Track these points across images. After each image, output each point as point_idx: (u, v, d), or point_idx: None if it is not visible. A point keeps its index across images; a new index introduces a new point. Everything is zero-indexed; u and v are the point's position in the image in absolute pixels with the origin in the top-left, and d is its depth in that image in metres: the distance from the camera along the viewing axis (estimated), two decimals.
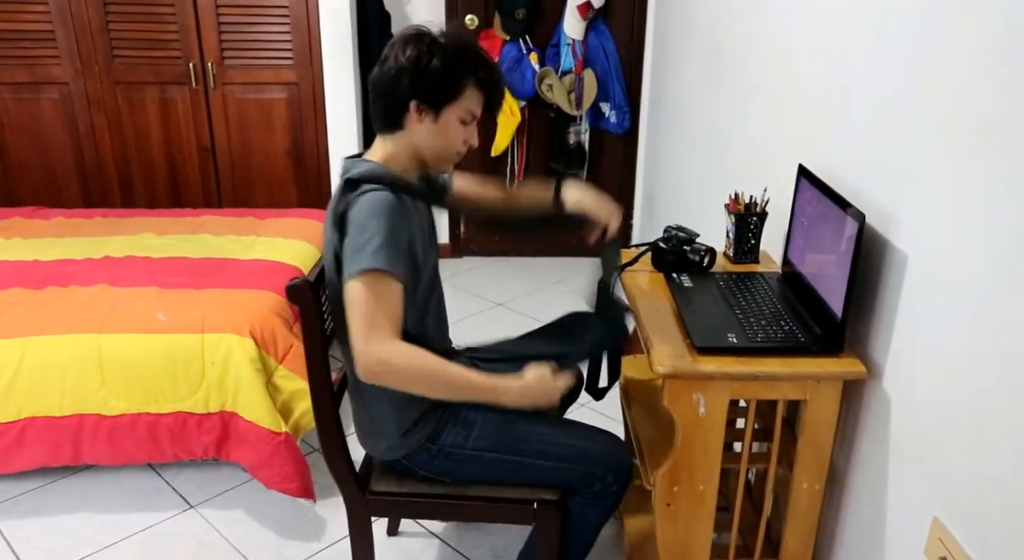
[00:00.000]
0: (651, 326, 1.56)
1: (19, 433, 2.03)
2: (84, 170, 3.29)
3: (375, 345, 1.36)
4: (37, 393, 2.02)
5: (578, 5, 3.46)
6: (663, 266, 1.80)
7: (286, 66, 3.13)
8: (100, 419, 2.05)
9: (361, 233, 1.38)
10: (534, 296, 3.63)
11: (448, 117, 1.49)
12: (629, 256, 1.88)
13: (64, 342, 2.04)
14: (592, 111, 3.73)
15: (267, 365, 2.09)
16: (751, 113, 2.23)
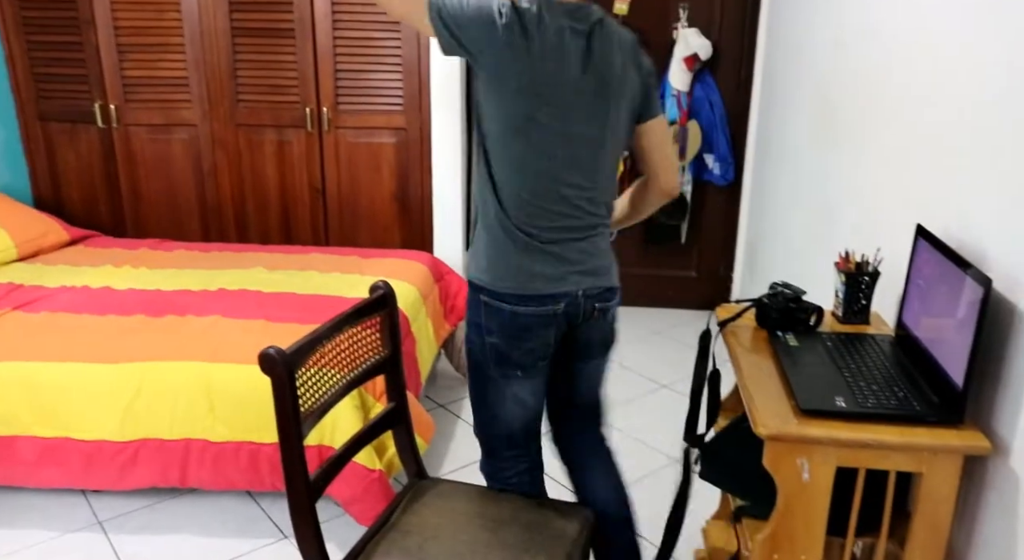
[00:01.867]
0: (753, 384, 1.51)
1: (134, 453, 2.13)
2: (205, 206, 3.48)
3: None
4: (152, 416, 2.12)
5: (684, 57, 3.47)
6: (767, 323, 1.75)
7: (396, 112, 3.25)
8: (206, 444, 2.13)
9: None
10: (630, 346, 3.59)
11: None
12: (731, 311, 1.84)
13: (178, 369, 2.15)
14: (695, 162, 3.70)
15: (365, 402, 2.13)
16: (864, 168, 2.16)
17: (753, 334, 1.76)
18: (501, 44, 1.45)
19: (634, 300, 4.06)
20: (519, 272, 1.57)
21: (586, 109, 1.54)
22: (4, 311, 2.37)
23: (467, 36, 1.47)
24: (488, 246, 1.58)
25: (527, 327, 1.59)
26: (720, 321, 1.82)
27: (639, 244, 3.95)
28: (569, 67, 1.50)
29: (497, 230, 1.57)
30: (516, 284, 1.57)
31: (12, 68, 3.37)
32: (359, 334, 1.64)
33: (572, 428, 1.89)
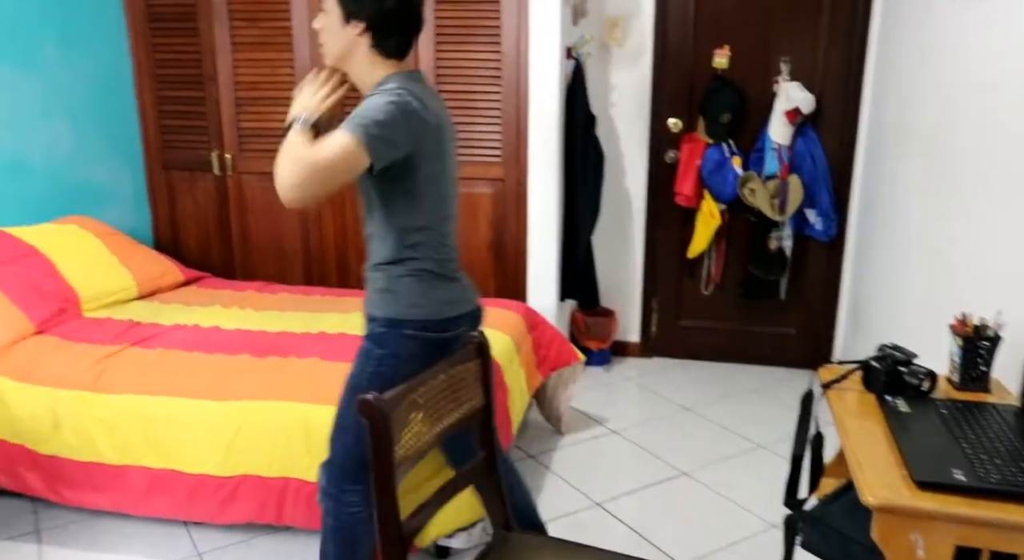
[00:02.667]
0: (861, 450, 1.44)
1: (235, 487, 2.20)
2: (308, 251, 3.62)
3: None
4: (253, 453, 2.19)
5: (786, 111, 3.42)
6: (875, 387, 1.67)
7: (494, 163, 3.32)
8: (302, 484, 2.18)
9: None
10: (724, 403, 3.49)
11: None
12: (836, 373, 1.77)
13: (279, 408, 2.22)
14: (796, 217, 3.61)
15: None
16: (981, 224, 2.06)
17: (859, 397, 1.69)
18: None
19: (730, 356, 3.96)
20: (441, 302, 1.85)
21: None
22: (124, 346, 2.51)
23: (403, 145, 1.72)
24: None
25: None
26: (824, 382, 1.75)
27: (735, 299, 3.86)
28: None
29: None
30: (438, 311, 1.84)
31: (144, 121, 3.63)
32: (454, 382, 1.65)
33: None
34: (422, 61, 3.26)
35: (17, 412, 2.34)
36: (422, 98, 1.74)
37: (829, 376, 1.76)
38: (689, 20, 3.63)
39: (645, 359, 4.02)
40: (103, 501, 2.35)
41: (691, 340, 3.99)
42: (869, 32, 3.43)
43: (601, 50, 3.69)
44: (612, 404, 3.50)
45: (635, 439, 3.15)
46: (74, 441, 2.31)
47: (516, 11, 3.13)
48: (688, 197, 3.69)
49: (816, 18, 3.49)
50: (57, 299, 2.70)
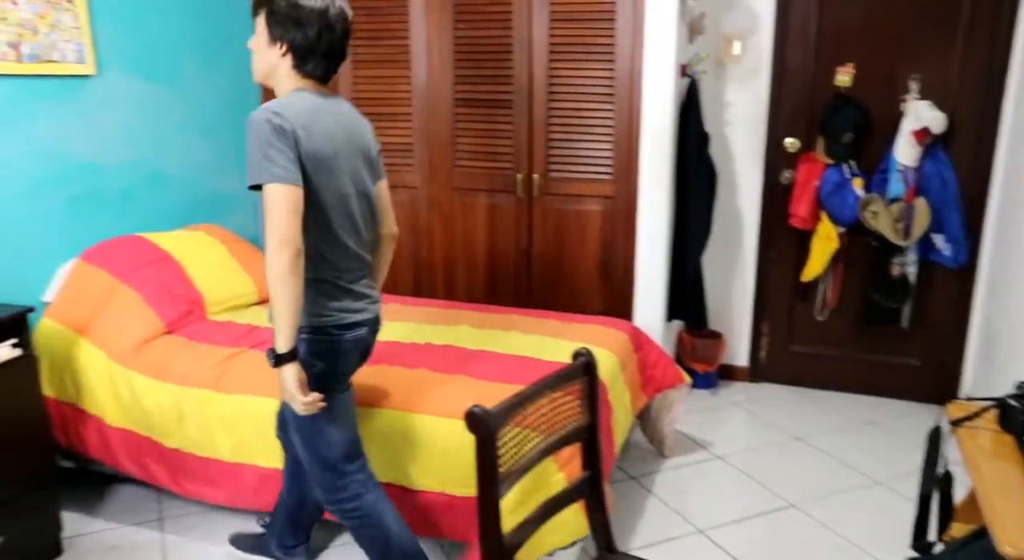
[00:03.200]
0: (997, 495, 1.34)
1: None
2: (418, 263, 3.70)
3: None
4: None
5: (914, 130, 3.25)
6: (1014, 427, 1.55)
7: (605, 180, 3.30)
8: (403, 491, 2.23)
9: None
10: (838, 435, 3.33)
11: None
12: (967, 409, 1.66)
13: (385, 416, 2.27)
14: (922, 242, 3.42)
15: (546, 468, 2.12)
16: None
17: (994, 438, 1.58)
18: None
19: (844, 385, 3.78)
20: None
21: None
22: (243, 349, 2.63)
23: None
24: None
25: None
26: (953, 419, 1.64)
27: (852, 325, 3.69)
28: None
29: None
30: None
31: None
32: (560, 400, 1.65)
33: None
34: (536, 80, 3.29)
35: (147, 406, 2.49)
36: (306, 115, 1.82)
37: (959, 413, 1.65)
38: (811, 37, 3.52)
39: (753, 384, 3.89)
40: (219, 495, 2.47)
41: (802, 366, 3.84)
42: (1013, 45, 3.21)
43: (717, 67, 3.63)
44: (717, 428, 3.40)
45: (741, 466, 3.04)
46: (196, 436, 2.44)
47: (631, 30, 3.12)
48: (803, 219, 3.56)
49: (951, 33, 3.31)
50: (185, 301, 2.86)
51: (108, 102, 2.99)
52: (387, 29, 3.47)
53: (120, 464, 2.59)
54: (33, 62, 2.68)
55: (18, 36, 2.62)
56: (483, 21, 3.33)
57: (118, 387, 2.55)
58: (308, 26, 1.84)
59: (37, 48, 2.69)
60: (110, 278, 2.77)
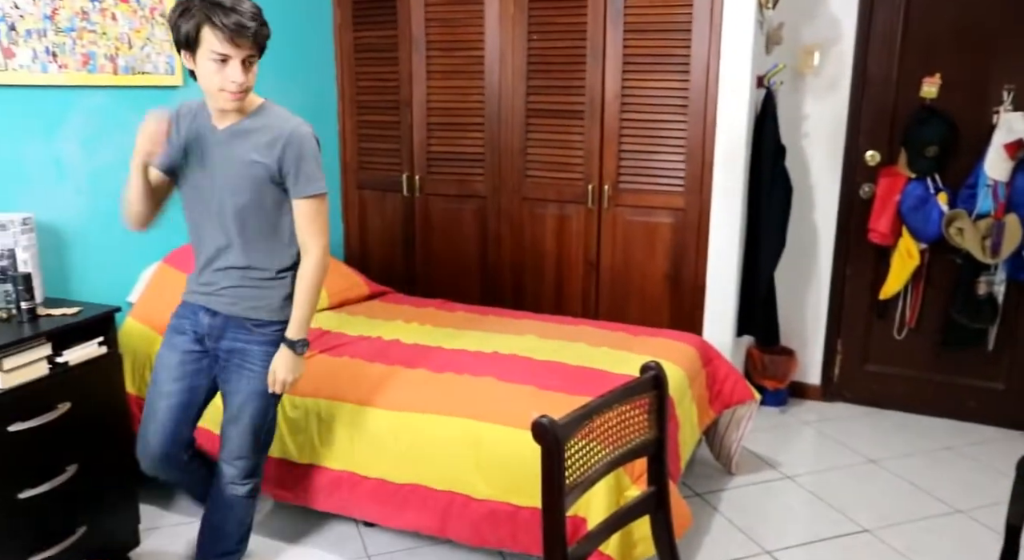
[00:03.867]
0: None
1: (406, 495, 2.29)
2: (486, 272, 3.72)
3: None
4: (423, 464, 2.27)
5: (1006, 144, 3.12)
6: None
7: (676, 192, 3.26)
8: (468, 500, 2.23)
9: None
10: (915, 459, 3.20)
11: (201, 59, 1.88)
12: None
13: (451, 423, 2.28)
14: (1012, 260, 3.27)
15: (620, 482, 2.10)
16: None
17: None
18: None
19: (922, 408, 3.64)
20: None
21: None
22: (314, 353, 2.68)
23: None
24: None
25: None
26: None
27: (932, 345, 3.55)
28: None
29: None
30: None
31: (343, 144, 3.91)
32: (628, 413, 1.63)
33: None
34: (608, 91, 3.28)
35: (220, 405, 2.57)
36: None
37: None
38: (895, 46, 3.41)
39: (825, 403, 3.78)
40: (288, 496, 2.52)
41: (878, 387, 3.70)
42: None
43: (795, 78, 3.55)
44: (787, 448, 3.31)
45: (811, 487, 2.95)
46: None
47: (707, 40, 3.08)
48: (883, 234, 3.45)
49: None
50: None
51: None
52: (462, 39, 3.52)
53: None
54: (128, 74, 2.81)
55: (115, 49, 2.76)
56: (557, 31, 3.34)
57: None
58: None
59: (132, 61, 2.82)
60: None
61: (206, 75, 1.90)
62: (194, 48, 1.88)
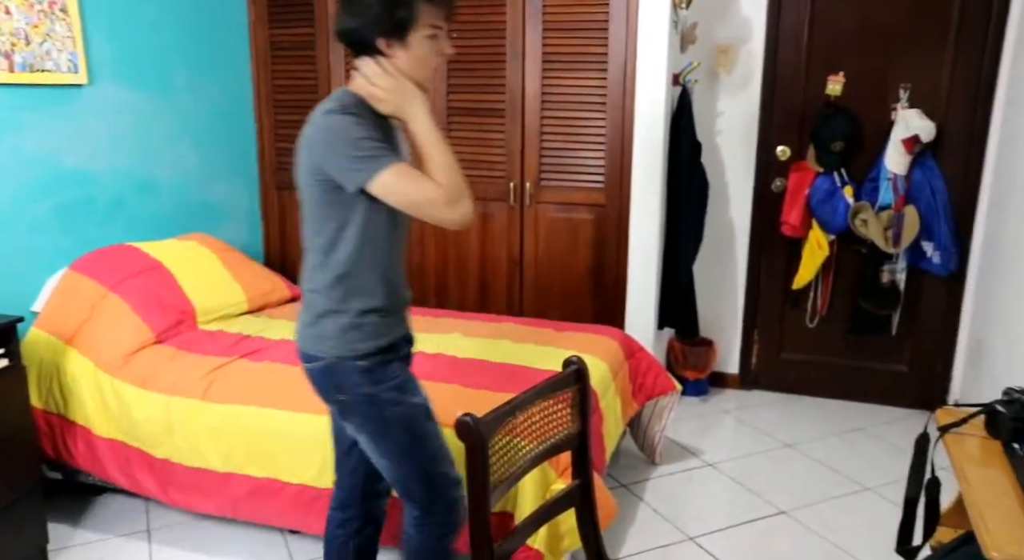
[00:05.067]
0: (984, 501, 1.35)
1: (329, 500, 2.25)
2: (410, 271, 3.69)
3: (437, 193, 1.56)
4: None
5: (903, 139, 3.28)
6: (1002, 433, 1.56)
7: (597, 189, 3.31)
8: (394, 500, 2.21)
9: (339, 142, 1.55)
10: (828, 441, 3.34)
11: (416, 40, 1.59)
12: (955, 416, 1.66)
13: None
14: (911, 250, 3.44)
15: (546, 476, 2.12)
16: None
17: (982, 444, 1.58)
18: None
19: (834, 392, 3.79)
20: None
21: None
22: (233, 358, 2.62)
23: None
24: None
25: None
26: (941, 425, 1.64)
27: (841, 332, 3.70)
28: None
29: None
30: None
31: (261, 144, 3.83)
32: (551, 408, 1.65)
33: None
34: (528, 89, 3.30)
35: (136, 416, 2.48)
36: None
37: (948, 419, 1.66)
38: (802, 46, 3.54)
39: (744, 391, 3.90)
40: (208, 505, 2.46)
41: (793, 374, 3.85)
42: (1002, 55, 3.24)
43: (709, 77, 3.65)
44: (708, 436, 3.40)
45: (731, 473, 3.05)
46: (185, 446, 2.42)
47: (624, 39, 3.13)
48: (794, 227, 3.58)
49: (942, 42, 3.34)
50: (176, 311, 2.86)
51: (100, 111, 2.99)
52: None
53: (108, 475, 2.58)
54: (26, 71, 2.68)
55: (11, 46, 2.62)
56: (477, 30, 3.34)
57: (106, 397, 2.54)
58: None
59: (30, 57, 2.69)
60: (99, 287, 2.76)
61: (422, 56, 1.62)
62: (407, 31, 1.59)
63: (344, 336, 1.68)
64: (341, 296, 1.67)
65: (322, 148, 1.58)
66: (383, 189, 1.56)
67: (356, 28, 1.60)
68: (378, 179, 1.54)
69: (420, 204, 1.58)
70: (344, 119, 1.56)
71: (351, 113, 1.58)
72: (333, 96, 1.66)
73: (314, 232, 1.67)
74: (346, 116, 1.57)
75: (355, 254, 1.65)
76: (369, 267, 1.67)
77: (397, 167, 1.55)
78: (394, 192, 1.56)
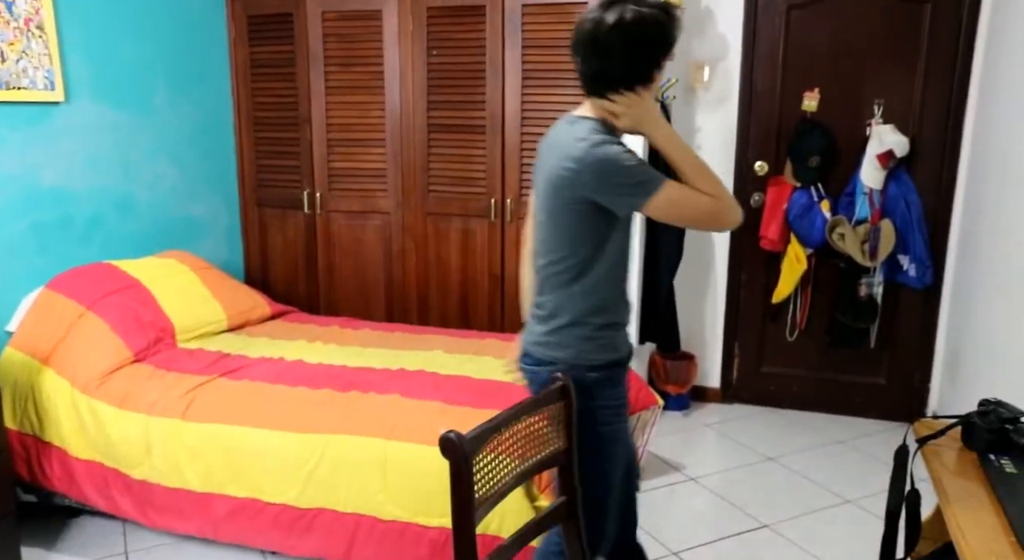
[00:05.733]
0: (962, 513, 1.36)
1: (311, 520, 2.24)
2: (391, 288, 3.69)
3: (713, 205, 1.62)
4: (330, 486, 2.23)
5: (878, 154, 3.33)
6: (978, 445, 1.58)
7: None
8: (375, 522, 2.20)
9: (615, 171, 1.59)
10: (809, 454, 3.36)
11: (652, 86, 1.66)
12: (933, 428, 1.68)
13: (357, 443, 2.25)
14: (888, 263, 3.49)
15: (531, 491, 2.12)
16: None
17: (959, 455, 1.60)
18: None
19: (814, 405, 3.82)
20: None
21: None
22: (212, 377, 2.60)
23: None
24: None
25: None
26: (919, 437, 1.66)
27: (821, 346, 3.73)
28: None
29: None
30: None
31: (241, 161, 3.81)
32: (536, 424, 1.64)
33: None
34: (508, 106, 3.32)
35: (113, 436, 2.45)
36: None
37: (925, 431, 1.68)
38: (777, 63, 3.59)
39: (725, 405, 3.92)
40: (188, 526, 2.43)
41: (774, 387, 3.87)
42: (971, 70, 3.31)
43: (687, 92, 3.69)
44: (690, 450, 3.41)
45: (714, 488, 3.05)
46: (163, 467, 2.40)
47: None
48: (773, 241, 3.61)
49: (913, 58, 3.40)
50: (155, 329, 2.83)
51: (77, 129, 2.97)
52: (361, 55, 3.49)
53: (85, 496, 2.54)
54: (2, 89, 2.66)
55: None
56: (457, 47, 3.36)
57: (83, 417, 2.51)
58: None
59: (6, 75, 2.67)
60: (76, 306, 2.73)
61: (652, 88, 1.69)
62: (654, 78, 1.67)
63: (582, 346, 1.73)
64: (587, 310, 1.72)
65: (593, 181, 1.61)
66: (658, 211, 1.62)
67: (610, 72, 1.63)
68: (653, 202, 1.60)
69: (699, 218, 1.66)
70: (610, 149, 1.60)
71: (612, 142, 1.61)
72: (577, 126, 1.68)
73: (563, 253, 1.71)
74: (611, 146, 1.60)
75: (606, 273, 1.71)
76: (612, 284, 1.75)
77: (668, 188, 1.60)
78: (670, 211, 1.63)
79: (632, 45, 1.62)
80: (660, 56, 1.65)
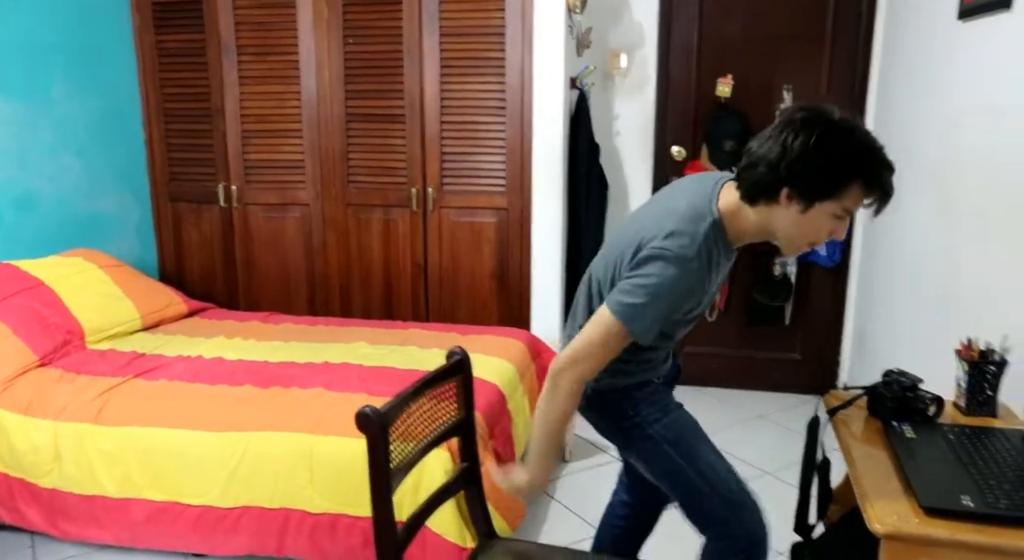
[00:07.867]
0: (867, 478, 1.42)
1: (236, 519, 2.19)
2: (313, 281, 3.63)
3: (570, 372, 1.53)
4: (254, 484, 2.18)
5: None
6: (881, 413, 1.65)
7: (498, 192, 3.33)
8: (304, 515, 2.17)
9: (642, 277, 1.48)
10: (731, 430, 3.46)
11: (819, 211, 1.42)
12: (841, 399, 1.75)
13: (281, 439, 2.21)
14: None
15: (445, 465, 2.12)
16: (987, 250, 2.06)
17: (865, 424, 1.67)
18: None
19: (735, 382, 3.93)
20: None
21: None
22: (127, 378, 2.51)
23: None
24: None
25: None
26: (829, 408, 1.73)
27: (739, 325, 3.85)
28: None
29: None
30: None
31: (151, 154, 3.67)
32: (439, 397, 1.70)
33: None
34: (427, 94, 3.29)
35: (18, 445, 2.34)
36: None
37: (835, 402, 1.75)
38: (692, 50, 3.67)
39: None
40: (104, 535, 2.34)
41: (696, 367, 3.97)
42: (871, 58, 3.45)
43: (605, 80, 3.73)
44: None
45: None
46: (75, 474, 2.30)
47: (520, 43, 3.17)
48: None
49: (819, 46, 3.52)
50: (61, 331, 2.71)
51: None
52: (275, 44, 3.41)
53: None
54: None
55: None
56: (374, 35, 3.31)
57: None
58: None
59: None
60: None
61: (815, 226, 1.46)
62: (820, 200, 1.42)
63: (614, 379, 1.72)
64: (627, 369, 1.73)
65: (633, 266, 1.51)
66: (592, 322, 1.53)
67: (772, 168, 1.43)
68: (607, 315, 1.50)
69: (574, 355, 1.54)
70: (678, 267, 1.47)
71: (688, 259, 1.47)
72: (696, 211, 1.53)
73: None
74: (681, 264, 1.47)
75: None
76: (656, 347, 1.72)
77: (618, 327, 1.49)
78: (587, 331, 1.53)
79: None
80: (836, 185, 1.45)
